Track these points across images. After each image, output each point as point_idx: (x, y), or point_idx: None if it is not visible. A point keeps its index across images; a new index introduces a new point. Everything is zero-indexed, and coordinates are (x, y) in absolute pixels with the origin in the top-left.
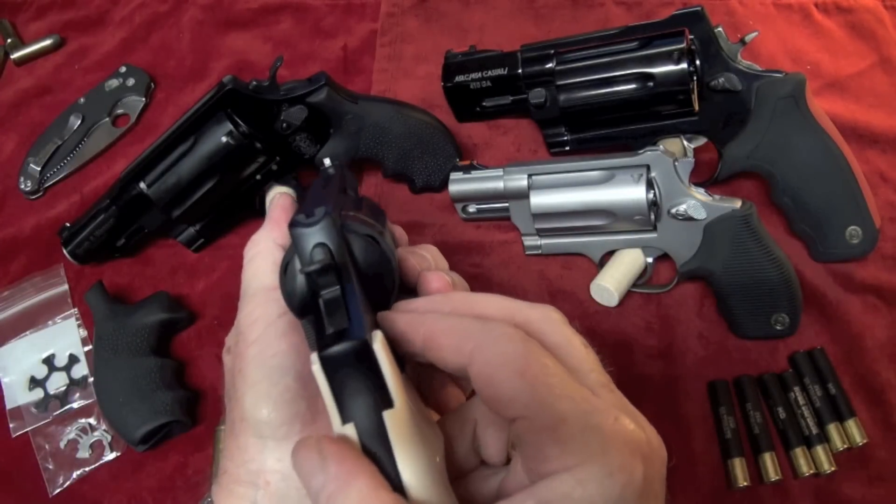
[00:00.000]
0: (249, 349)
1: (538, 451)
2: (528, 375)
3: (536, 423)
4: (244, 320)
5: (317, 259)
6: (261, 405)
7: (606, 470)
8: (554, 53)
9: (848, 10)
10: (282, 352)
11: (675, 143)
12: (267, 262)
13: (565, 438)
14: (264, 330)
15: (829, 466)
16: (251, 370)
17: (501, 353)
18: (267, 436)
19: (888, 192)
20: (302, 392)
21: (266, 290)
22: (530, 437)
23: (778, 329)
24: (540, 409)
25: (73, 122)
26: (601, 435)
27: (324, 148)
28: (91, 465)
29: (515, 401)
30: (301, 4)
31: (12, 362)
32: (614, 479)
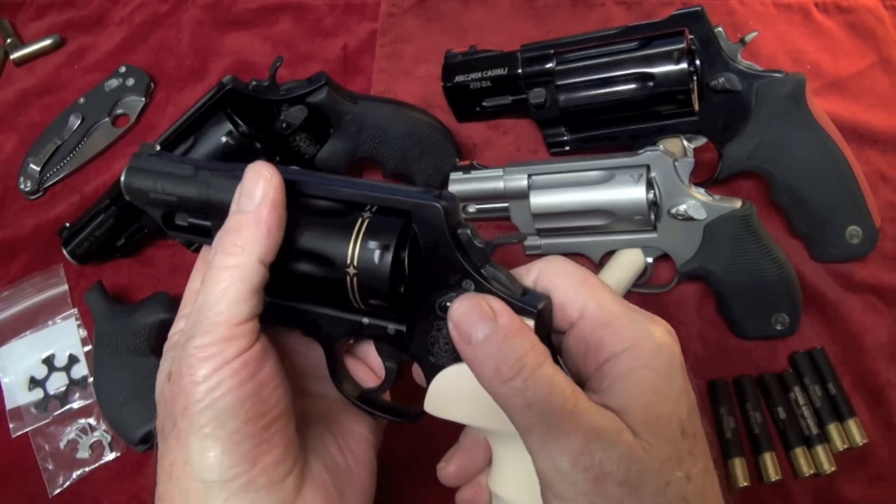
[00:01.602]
0: (198, 387)
1: (598, 343)
2: (587, 284)
3: (595, 320)
4: (196, 352)
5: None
6: (208, 450)
7: (655, 345)
8: (554, 53)
9: (848, 9)
10: (233, 393)
11: (675, 143)
12: (242, 288)
13: (619, 329)
14: (218, 370)
15: (830, 466)
16: (198, 412)
17: (563, 267)
18: (213, 480)
19: (888, 192)
20: (249, 432)
21: (231, 326)
22: (590, 333)
23: (778, 329)
24: (598, 308)
25: (73, 122)
26: (645, 325)
27: (323, 148)
28: (91, 465)
29: (577, 302)
30: (301, 4)
31: (12, 362)
32: (663, 352)
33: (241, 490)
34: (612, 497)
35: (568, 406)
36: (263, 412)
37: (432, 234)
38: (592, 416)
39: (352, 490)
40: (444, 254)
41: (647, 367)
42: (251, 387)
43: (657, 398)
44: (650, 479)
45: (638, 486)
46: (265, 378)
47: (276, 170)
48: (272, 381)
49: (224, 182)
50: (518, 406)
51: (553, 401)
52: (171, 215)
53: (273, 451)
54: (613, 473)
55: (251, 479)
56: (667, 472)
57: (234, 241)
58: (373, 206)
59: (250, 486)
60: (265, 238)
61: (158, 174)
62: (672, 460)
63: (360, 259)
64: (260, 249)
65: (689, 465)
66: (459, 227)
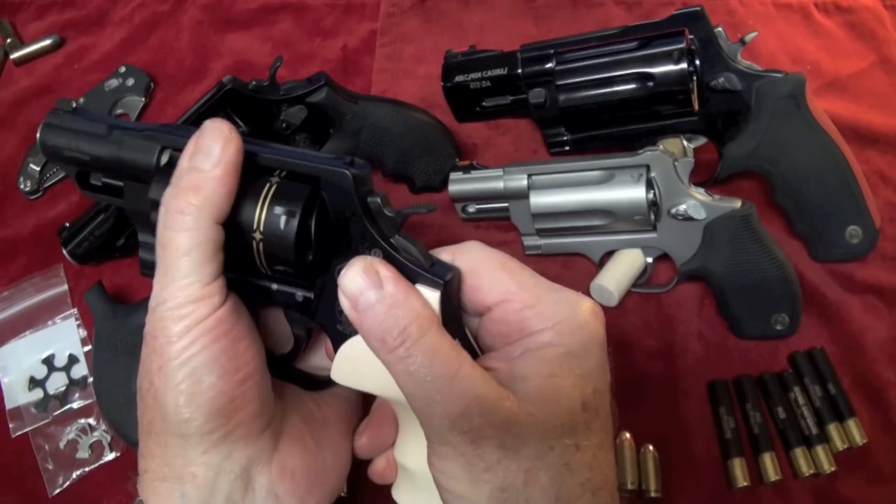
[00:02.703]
0: (172, 346)
1: (520, 324)
2: (507, 268)
3: (517, 303)
4: (168, 313)
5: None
6: (184, 406)
7: (577, 323)
8: (554, 53)
9: (848, 9)
10: (207, 351)
11: (675, 143)
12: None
13: (543, 310)
14: (191, 329)
15: (829, 466)
16: (173, 370)
17: (481, 253)
18: (191, 433)
19: (888, 192)
20: (224, 387)
21: (201, 287)
22: (512, 315)
23: (778, 329)
24: (520, 291)
25: None
26: (570, 303)
27: (323, 148)
28: (91, 465)
29: (499, 286)
30: (301, 4)
31: (12, 362)
32: (584, 330)
33: (218, 442)
34: (489, 458)
35: (450, 373)
36: (238, 367)
37: (341, 201)
38: (474, 383)
39: (330, 441)
40: (353, 221)
41: (561, 344)
42: (225, 343)
43: (561, 371)
44: (532, 443)
45: (518, 449)
46: (238, 334)
47: (232, 128)
48: (245, 337)
49: (136, 142)
50: (401, 373)
51: (433, 369)
52: (86, 174)
53: (249, 405)
54: (491, 437)
55: (228, 431)
56: (553, 438)
57: (190, 200)
58: (282, 171)
59: (227, 438)
60: (223, 200)
61: (73, 132)
62: (562, 428)
63: (265, 224)
64: (216, 211)
65: (582, 437)
66: (370, 195)
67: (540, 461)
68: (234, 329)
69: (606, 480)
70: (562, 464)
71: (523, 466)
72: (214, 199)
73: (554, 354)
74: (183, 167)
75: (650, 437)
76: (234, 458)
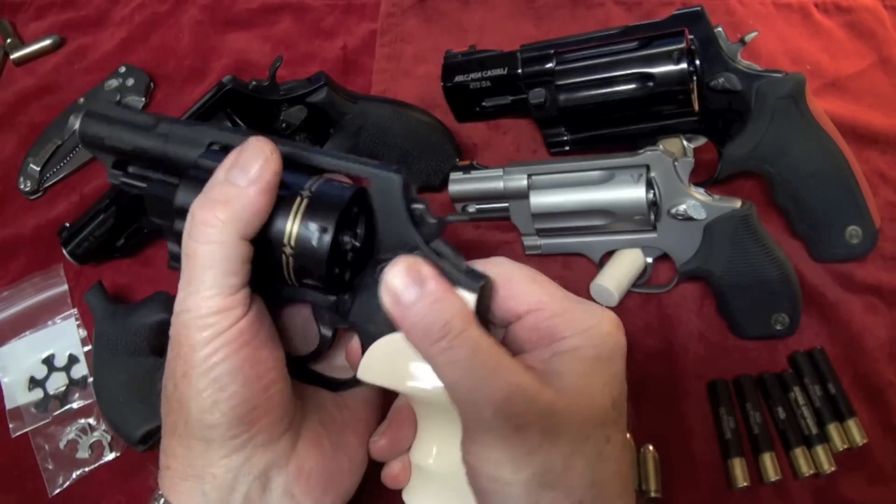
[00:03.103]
0: (196, 354)
1: (550, 330)
2: (537, 281)
3: (547, 311)
4: (192, 322)
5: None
6: (207, 412)
7: (604, 331)
8: (554, 53)
9: (847, 9)
10: (231, 359)
11: (675, 143)
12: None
13: (572, 318)
14: (214, 338)
15: (829, 466)
16: (196, 377)
17: (513, 266)
18: (213, 438)
19: (888, 192)
20: (247, 395)
21: (224, 298)
22: (543, 323)
23: (778, 329)
24: (550, 301)
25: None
26: (595, 314)
27: (323, 148)
28: (91, 465)
29: (531, 296)
30: (301, 4)
31: (12, 362)
32: (609, 338)
33: (240, 447)
34: (531, 442)
35: (493, 363)
36: (260, 375)
37: (388, 204)
38: (514, 374)
39: (345, 445)
40: (397, 225)
41: (591, 346)
42: (247, 352)
43: (594, 370)
44: (571, 432)
45: (558, 436)
46: (260, 342)
47: (275, 148)
48: (268, 345)
49: (184, 135)
50: (445, 364)
51: (476, 359)
52: (124, 164)
53: (272, 413)
54: (534, 423)
55: (250, 437)
56: (588, 429)
57: (217, 213)
58: (313, 185)
59: (249, 443)
60: (253, 218)
61: (115, 121)
62: (595, 421)
63: (298, 239)
64: (245, 228)
65: (612, 432)
66: (414, 202)
67: (577, 449)
68: (257, 338)
69: (629, 474)
70: (596, 453)
71: (563, 452)
72: (244, 217)
73: (584, 356)
74: (218, 179)
75: (650, 437)
76: (254, 461)
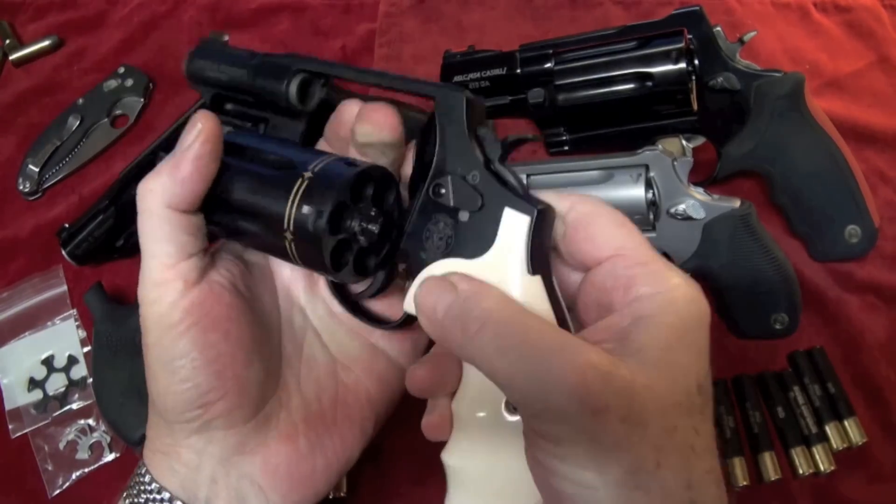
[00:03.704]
0: (147, 337)
1: (629, 280)
2: (627, 226)
3: (631, 258)
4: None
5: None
6: (162, 397)
7: (690, 296)
8: (552, 53)
9: (846, 9)
10: (176, 341)
11: (674, 143)
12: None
13: (654, 271)
14: (158, 318)
15: (829, 466)
16: (150, 360)
17: (602, 206)
18: (172, 420)
19: (887, 192)
20: (200, 381)
21: (164, 269)
22: (622, 269)
23: (777, 328)
24: (634, 248)
25: (72, 122)
26: (679, 274)
27: None
28: (90, 466)
29: (613, 239)
30: (300, 5)
31: (11, 363)
32: (695, 305)
33: (198, 430)
34: (615, 433)
35: (548, 343)
36: (210, 360)
37: (451, 123)
38: (581, 350)
39: (324, 448)
40: (459, 145)
41: (675, 313)
42: (195, 334)
43: (679, 345)
44: (656, 419)
45: (645, 424)
46: (210, 324)
47: (213, 121)
48: (220, 328)
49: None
50: (493, 355)
51: (530, 341)
52: (222, 99)
53: (228, 399)
54: (614, 407)
55: (206, 421)
56: (675, 416)
57: (147, 184)
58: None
59: (206, 427)
60: (176, 186)
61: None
62: (682, 407)
63: (295, 223)
64: (169, 197)
65: (699, 421)
66: (481, 126)
67: (668, 440)
68: (206, 318)
69: (720, 475)
70: (687, 446)
71: (653, 444)
72: (167, 185)
73: (669, 325)
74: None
75: None
76: (215, 445)
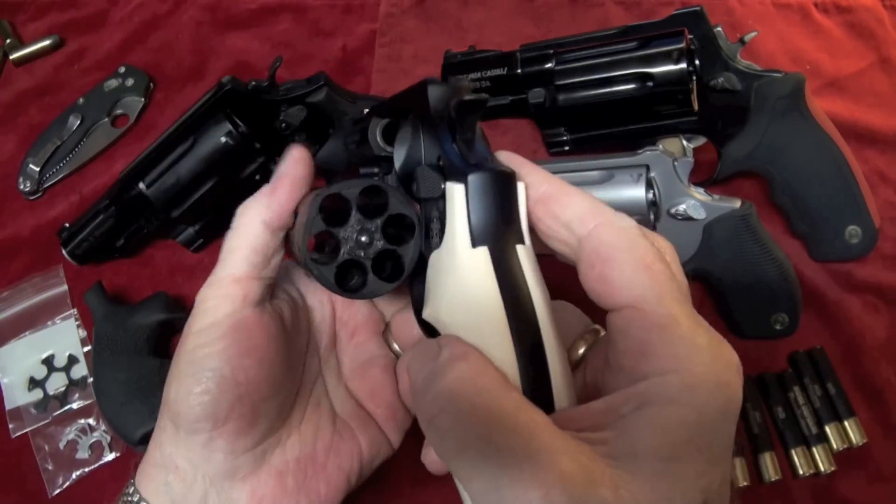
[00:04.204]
0: (188, 338)
1: (643, 346)
2: (653, 268)
3: (649, 317)
4: (199, 302)
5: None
6: (181, 399)
7: (716, 378)
8: (553, 53)
9: (847, 9)
10: (215, 353)
11: (675, 143)
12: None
13: (677, 339)
14: (208, 325)
15: (829, 466)
16: (182, 361)
17: (629, 239)
18: (181, 426)
19: (888, 192)
20: (220, 397)
21: (233, 281)
22: (637, 330)
23: (777, 329)
24: (657, 303)
25: (73, 122)
26: (711, 347)
27: (323, 148)
28: (91, 465)
29: (631, 288)
30: (300, 5)
31: (12, 363)
32: (722, 391)
33: (201, 445)
34: None
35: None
36: (239, 381)
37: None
38: (552, 458)
39: (309, 490)
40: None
41: (692, 404)
42: (233, 351)
43: (688, 450)
44: None
45: None
46: (251, 348)
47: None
48: (258, 353)
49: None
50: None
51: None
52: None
53: (238, 422)
54: None
55: (210, 439)
56: None
57: (246, 203)
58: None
59: (209, 444)
60: (273, 204)
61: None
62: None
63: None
64: (265, 214)
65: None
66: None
67: None
68: (247, 342)
69: None
70: None
71: None
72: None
73: (680, 422)
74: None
75: None
76: (212, 465)
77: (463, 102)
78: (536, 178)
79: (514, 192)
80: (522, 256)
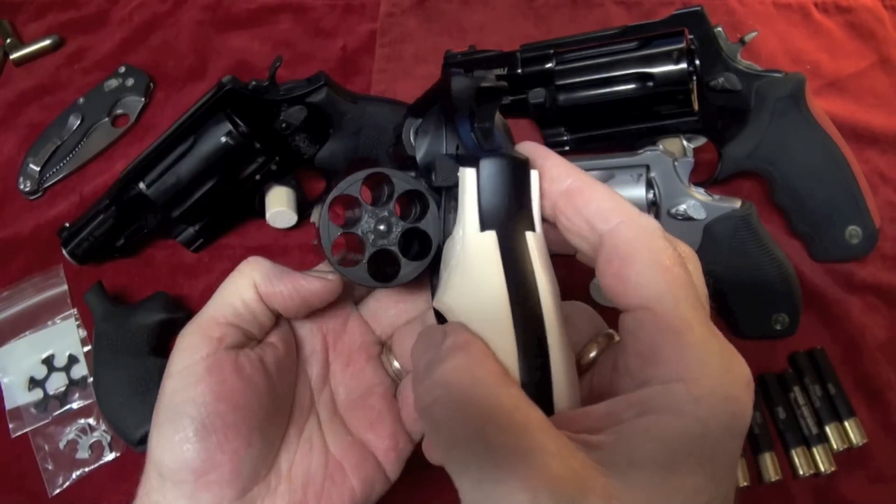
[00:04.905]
0: (167, 381)
1: (652, 350)
2: (672, 271)
3: (662, 319)
4: (179, 339)
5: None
6: (161, 448)
7: (724, 391)
8: (553, 53)
9: (847, 9)
10: (191, 399)
11: (675, 143)
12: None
13: (688, 346)
14: (185, 367)
15: (829, 466)
16: (161, 406)
17: (650, 239)
18: (165, 476)
19: (888, 192)
20: (199, 445)
21: (214, 323)
22: (648, 333)
23: (778, 329)
24: (672, 307)
25: (73, 122)
26: (724, 356)
27: (323, 148)
28: (90, 465)
29: (647, 289)
30: (300, 4)
31: (12, 363)
32: (729, 405)
33: (186, 495)
34: None
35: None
36: (216, 427)
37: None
38: (544, 460)
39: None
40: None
41: (695, 416)
42: (208, 396)
43: (687, 465)
44: None
45: None
46: (225, 392)
47: (336, 289)
48: (234, 399)
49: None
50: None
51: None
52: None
53: (219, 471)
54: None
55: (195, 490)
56: None
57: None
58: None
59: (194, 495)
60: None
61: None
62: None
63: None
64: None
65: None
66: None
67: None
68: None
69: None
70: None
71: None
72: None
73: (681, 433)
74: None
75: None
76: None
77: (482, 89)
78: (562, 171)
79: (527, 178)
80: (532, 244)
